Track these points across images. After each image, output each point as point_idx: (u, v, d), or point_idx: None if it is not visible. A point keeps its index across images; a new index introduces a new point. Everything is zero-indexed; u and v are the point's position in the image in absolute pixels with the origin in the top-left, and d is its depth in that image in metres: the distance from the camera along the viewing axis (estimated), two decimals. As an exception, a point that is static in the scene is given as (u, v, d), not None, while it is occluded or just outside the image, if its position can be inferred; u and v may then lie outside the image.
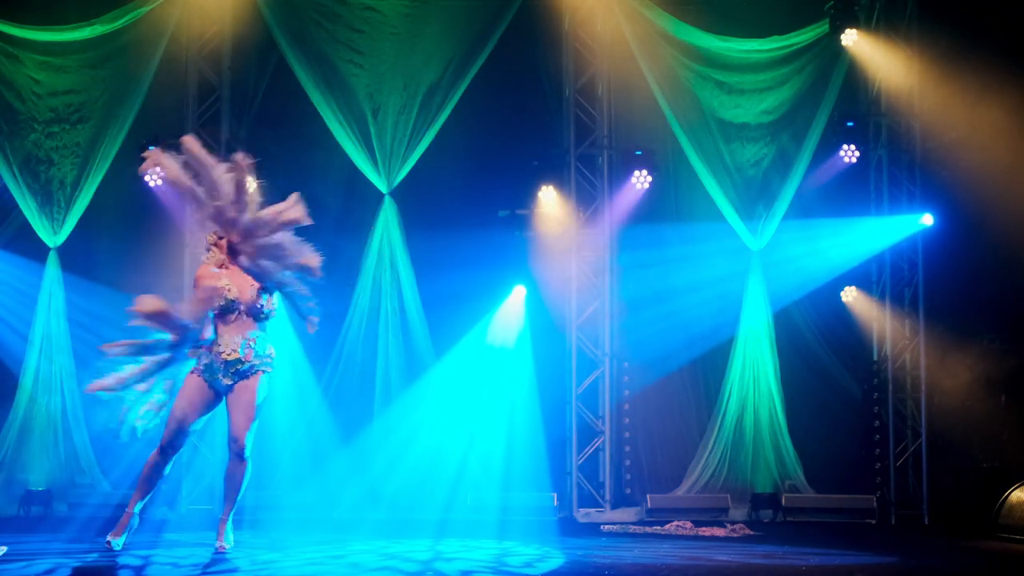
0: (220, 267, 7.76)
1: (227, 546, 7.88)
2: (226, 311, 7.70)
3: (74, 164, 12.33)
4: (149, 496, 7.92)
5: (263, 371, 7.79)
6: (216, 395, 7.80)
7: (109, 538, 7.78)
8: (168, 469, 7.89)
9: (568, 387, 12.57)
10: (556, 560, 8.12)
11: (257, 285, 7.77)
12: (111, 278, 12.07)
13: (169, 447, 7.76)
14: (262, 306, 7.76)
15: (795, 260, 12.72)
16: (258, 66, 12.78)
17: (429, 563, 7.74)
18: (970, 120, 12.29)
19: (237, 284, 7.73)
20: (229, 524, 7.95)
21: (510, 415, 12.44)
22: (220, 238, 7.81)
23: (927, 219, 12.61)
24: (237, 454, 7.72)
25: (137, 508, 7.84)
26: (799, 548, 9.17)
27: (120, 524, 7.83)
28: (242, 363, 7.72)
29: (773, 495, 12.30)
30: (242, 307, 7.72)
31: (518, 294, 12.73)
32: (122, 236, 12.51)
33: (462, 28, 12.41)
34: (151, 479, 7.83)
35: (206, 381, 7.74)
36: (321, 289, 7.95)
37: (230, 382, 7.73)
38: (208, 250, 7.85)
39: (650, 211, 12.98)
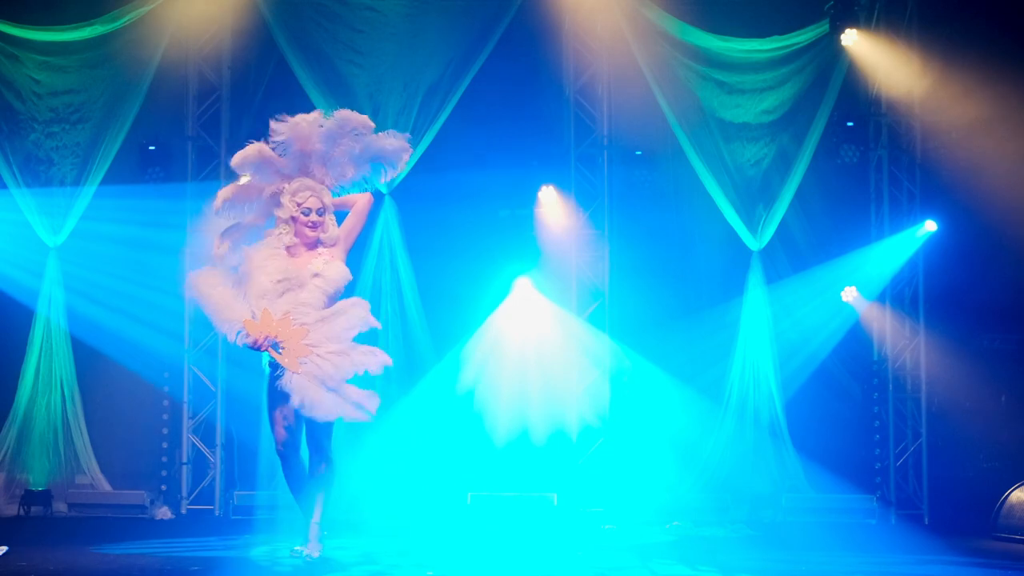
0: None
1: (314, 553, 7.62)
2: None
3: (74, 164, 12.31)
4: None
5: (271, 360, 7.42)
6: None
7: (307, 551, 7.55)
8: (302, 468, 7.66)
9: (567, 386, 12.54)
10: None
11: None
12: (111, 278, 12.06)
13: (282, 447, 7.52)
14: None
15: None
16: (258, 66, 12.76)
17: None
18: (970, 120, 12.29)
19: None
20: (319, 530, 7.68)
21: (508, 414, 12.43)
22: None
23: (930, 225, 12.59)
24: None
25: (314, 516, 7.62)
26: (799, 548, 9.17)
27: (311, 536, 7.63)
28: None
29: (773, 495, 12.29)
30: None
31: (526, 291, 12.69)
32: (122, 236, 12.49)
33: (462, 28, 12.40)
34: (291, 484, 7.67)
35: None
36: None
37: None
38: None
39: (650, 211, 12.98)
